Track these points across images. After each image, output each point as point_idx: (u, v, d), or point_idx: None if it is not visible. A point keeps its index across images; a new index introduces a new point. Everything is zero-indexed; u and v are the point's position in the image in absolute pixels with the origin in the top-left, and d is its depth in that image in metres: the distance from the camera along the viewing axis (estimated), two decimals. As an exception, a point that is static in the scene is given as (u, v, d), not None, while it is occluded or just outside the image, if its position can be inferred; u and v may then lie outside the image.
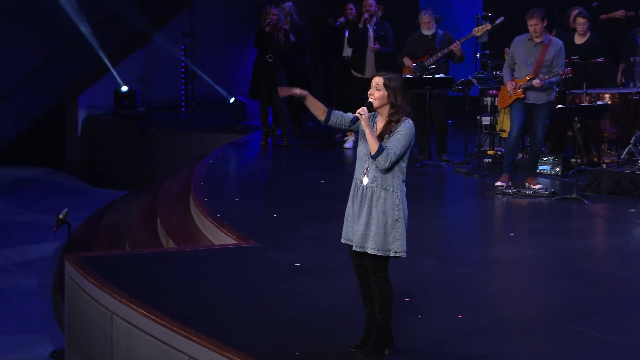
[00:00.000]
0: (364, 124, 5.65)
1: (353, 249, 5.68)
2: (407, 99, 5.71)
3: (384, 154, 5.52)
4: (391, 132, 5.62)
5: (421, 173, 11.81)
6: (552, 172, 11.54)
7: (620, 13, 13.52)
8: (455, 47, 12.10)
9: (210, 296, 6.90)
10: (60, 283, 9.95)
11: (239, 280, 7.33)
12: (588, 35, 12.19)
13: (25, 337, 8.72)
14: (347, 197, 10.63)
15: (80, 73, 18.16)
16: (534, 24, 10.48)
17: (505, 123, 12.13)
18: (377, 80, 5.69)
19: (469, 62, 13.89)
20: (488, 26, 12.14)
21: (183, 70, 18.13)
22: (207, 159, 12.60)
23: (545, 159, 11.44)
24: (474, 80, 12.07)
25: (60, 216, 8.03)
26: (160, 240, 9.62)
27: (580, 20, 12.13)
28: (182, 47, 18.08)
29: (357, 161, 5.77)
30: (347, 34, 14.01)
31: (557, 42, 10.64)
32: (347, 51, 14.02)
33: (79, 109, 17.79)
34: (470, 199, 10.59)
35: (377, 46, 13.13)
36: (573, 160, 11.94)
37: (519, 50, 10.66)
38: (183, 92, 18.13)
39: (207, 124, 16.33)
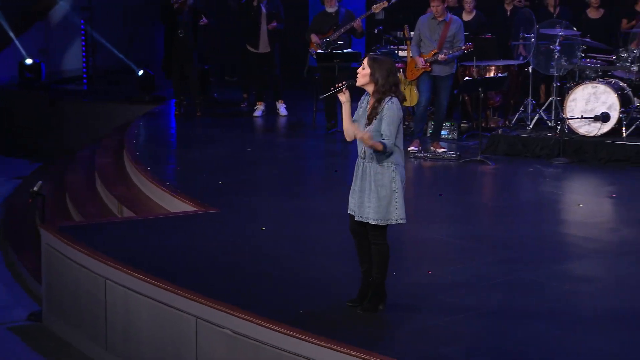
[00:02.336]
0: (342, 99, 5.74)
1: (355, 219, 5.83)
2: (390, 80, 5.70)
3: (385, 147, 5.60)
4: (377, 112, 5.68)
5: (334, 140, 12.11)
6: (450, 136, 12.08)
7: None
8: (357, 24, 12.39)
9: (197, 260, 6.98)
10: (16, 250, 9.83)
11: (218, 245, 7.41)
12: (474, 13, 12.75)
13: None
14: (274, 164, 10.92)
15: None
16: (436, 5, 10.92)
17: (406, 93, 12.56)
18: (365, 59, 5.73)
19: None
20: (385, 3, 12.42)
21: (84, 42, 17.76)
22: (131, 130, 12.51)
23: (443, 124, 11.92)
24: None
25: (35, 188, 7.91)
26: (111, 210, 9.55)
27: (467, -1, 12.69)
28: (82, 21, 17.69)
29: (358, 139, 5.79)
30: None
31: (457, 20, 11.13)
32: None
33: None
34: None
35: (275, 24, 13.28)
36: (463, 125, 12.57)
37: (424, 28, 11.08)
38: (85, 65, 17.77)
39: (114, 96, 16.12)
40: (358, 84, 5.80)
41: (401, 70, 12.48)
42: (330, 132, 12.35)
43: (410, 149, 11.01)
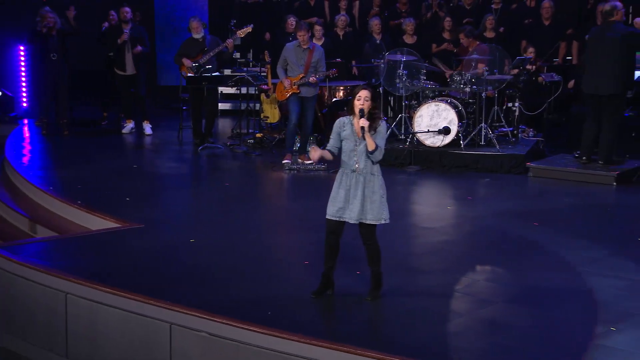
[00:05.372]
0: (366, 132, 6.38)
1: (351, 222, 6.44)
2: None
3: (378, 151, 6.37)
4: (375, 129, 6.38)
5: (207, 155, 12.44)
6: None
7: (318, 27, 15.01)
8: (229, 43, 12.76)
9: (151, 271, 7.15)
10: None
11: (161, 258, 7.53)
12: (323, 39, 13.44)
13: None
14: (163, 177, 11.11)
15: None
16: (302, 35, 11.56)
17: (267, 111, 13.10)
18: (365, 94, 6.37)
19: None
20: (249, 29, 12.90)
21: None
22: (7, 150, 12.19)
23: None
24: (249, 77, 12.86)
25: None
26: (22, 229, 9.35)
27: (317, 27, 13.36)
28: None
29: (345, 155, 6.44)
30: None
31: (319, 48, 11.82)
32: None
33: None
34: (268, 175, 11.39)
35: (139, 48, 13.51)
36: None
37: (291, 54, 11.68)
38: None
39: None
40: (367, 108, 6.39)
41: (262, 92, 13.06)
42: (201, 149, 12.67)
43: (284, 162, 11.56)
